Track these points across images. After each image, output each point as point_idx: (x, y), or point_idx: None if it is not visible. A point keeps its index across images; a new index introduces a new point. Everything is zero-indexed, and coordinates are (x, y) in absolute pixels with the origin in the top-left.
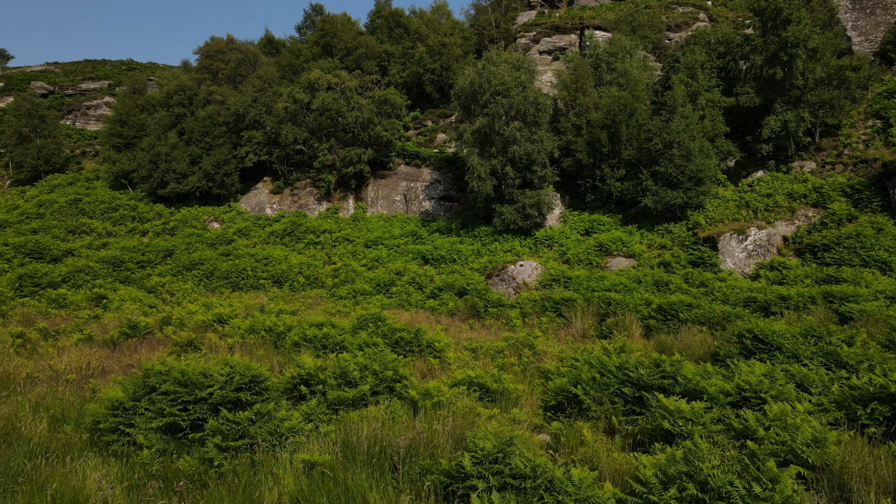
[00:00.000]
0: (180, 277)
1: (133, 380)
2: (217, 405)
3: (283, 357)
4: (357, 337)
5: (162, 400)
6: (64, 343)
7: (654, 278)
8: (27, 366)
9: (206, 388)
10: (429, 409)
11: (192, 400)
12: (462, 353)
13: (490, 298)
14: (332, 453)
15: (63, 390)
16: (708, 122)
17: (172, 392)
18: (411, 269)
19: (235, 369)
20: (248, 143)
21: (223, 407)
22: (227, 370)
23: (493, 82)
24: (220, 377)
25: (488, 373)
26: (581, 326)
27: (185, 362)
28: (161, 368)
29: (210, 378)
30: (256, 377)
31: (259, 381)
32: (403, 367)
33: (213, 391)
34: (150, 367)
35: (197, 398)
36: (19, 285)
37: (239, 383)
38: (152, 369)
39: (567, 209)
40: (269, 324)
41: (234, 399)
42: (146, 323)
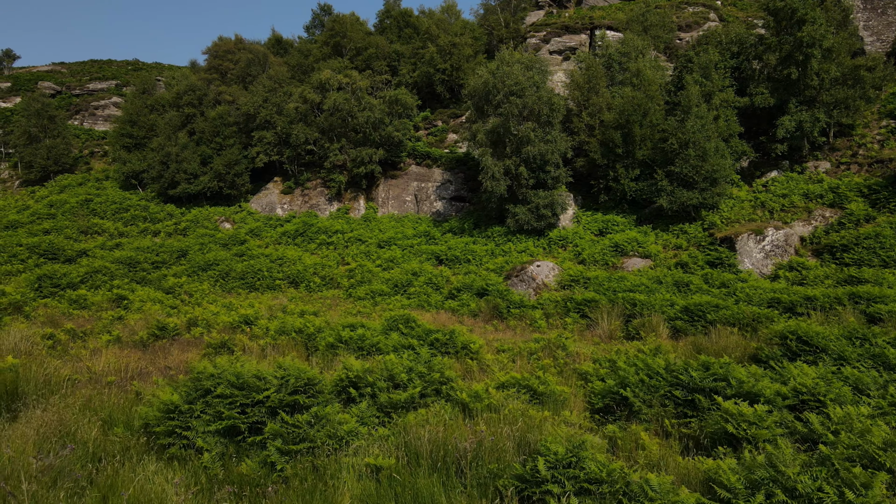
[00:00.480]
0: (196, 278)
1: (184, 382)
2: (275, 408)
3: (320, 359)
4: (390, 338)
5: (219, 403)
6: (93, 344)
7: (674, 279)
8: (64, 367)
9: (262, 391)
10: (480, 411)
11: (250, 403)
12: (498, 354)
13: (512, 299)
14: (395, 457)
15: (108, 393)
16: (722, 122)
17: (229, 395)
18: (427, 270)
19: (290, 372)
20: (258, 144)
21: (281, 410)
22: (282, 373)
23: (507, 82)
24: (274, 380)
25: (533, 374)
26: (607, 327)
27: (238, 364)
28: (213, 371)
29: (264, 381)
30: (311, 380)
31: (314, 384)
32: (448, 369)
33: (269, 394)
34: (201, 370)
35: (254, 401)
36: (39, 286)
37: (294, 386)
38: (204, 372)
39: (580, 209)
40: (299, 325)
41: (290, 402)
42: (175, 324)
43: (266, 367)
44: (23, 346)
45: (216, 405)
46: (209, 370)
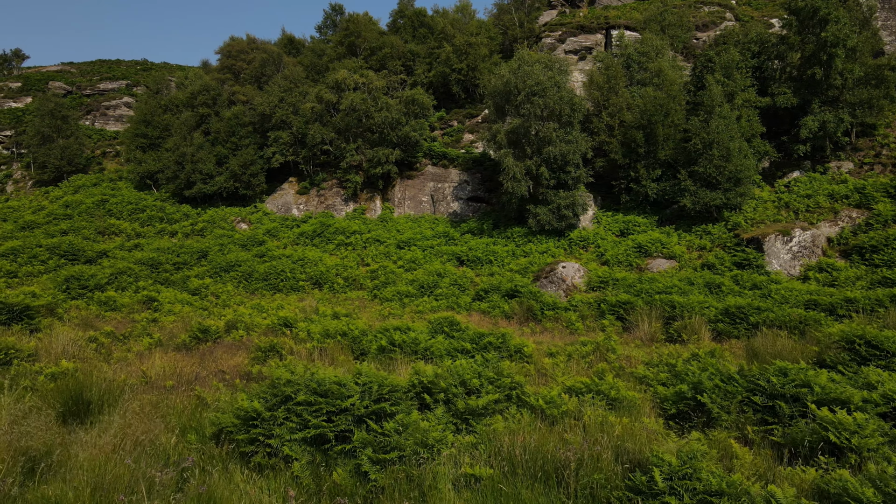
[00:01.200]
0: (219, 279)
1: (262, 388)
2: (361, 416)
3: (375, 363)
4: (441, 341)
5: (303, 410)
6: (136, 347)
7: (704, 280)
8: (120, 372)
9: (346, 398)
10: (557, 417)
11: (336, 410)
12: (549, 358)
13: (545, 301)
14: (492, 466)
15: (171, 398)
16: (744, 121)
17: (313, 402)
18: (451, 271)
19: (372, 379)
20: (274, 144)
21: (367, 418)
22: (364, 380)
23: (529, 82)
24: (355, 387)
25: (597, 379)
26: (648, 330)
27: (320, 371)
28: (291, 377)
29: (345, 387)
30: (395, 387)
31: (396, 391)
32: (518, 374)
33: (353, 401)
34: (278, 376)
35: (339, 409)
36: (67, 287)
37: (378, 393)
38: (281, 378)
39: (599, 210)
40: (343, 328)
41: (376, 410)
42: (216, 327)
43: (341, 373)
44: (71, 349)
45: (301, 413)
46: (286, 376)
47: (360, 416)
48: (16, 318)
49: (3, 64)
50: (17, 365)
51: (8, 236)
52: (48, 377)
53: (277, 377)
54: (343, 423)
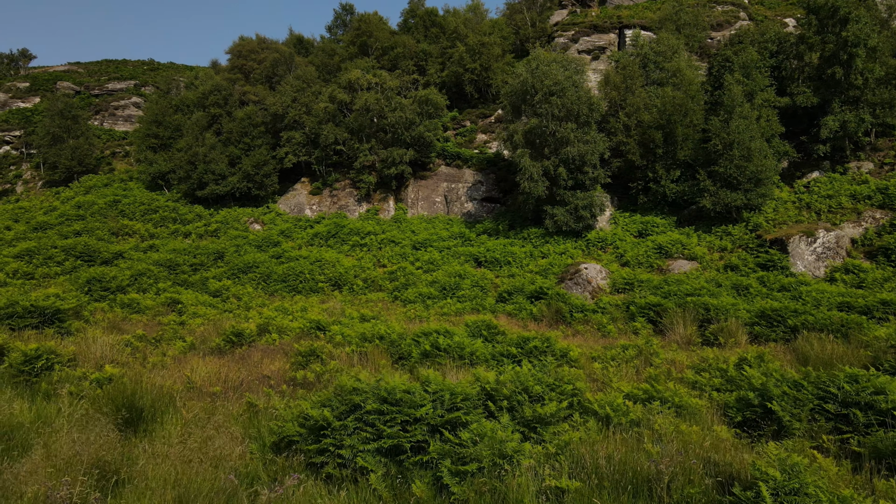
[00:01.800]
0: (237, 281)
1: (327, 396)
2: (436, 426)
3: (421, 368)
4: (486, 346)
5: (376, 419)
6: (171, 351)
7: (731, 282)
8: (163, 377)
9: (418, 406)
10: (625, 426)
11: (410, 420)
12: (593, 362)
13: (573, 303)
14: (577, 479)
15: (223, 405)
16: (763, 121)
17: (386, 411)
18: (470, 272)
19: (443, 387)
20: (287, 144)
21: (442, 428)
22: (434, 387)
23: (546, 82)
24: (425, 395)
25: (666, 386)
26: (683, 333)
27: (389, 379)
28: (357, 385)
29: (412, 395)
30: (466, 396)
31: (467, 399)
32: (578, 380)
33: (427, 410)
34: (344, 384)
35: (414, 418)
36: (88, 289)
37: (451, 402)
38: (346, 385)
39: (616, 210)
40: (379, 331)
41: (451, 419)
42: (250, 330)
43: (405, 380)
44: (109, 353)
45: (374, 422)
46: (352, 384)
47: (436, 425)
48: (47, 322)
49: (10, 64)
50: (59, 370)
51: (21, 237)
52: (94, 383)
53: (343, 384)
54: (419, 433)
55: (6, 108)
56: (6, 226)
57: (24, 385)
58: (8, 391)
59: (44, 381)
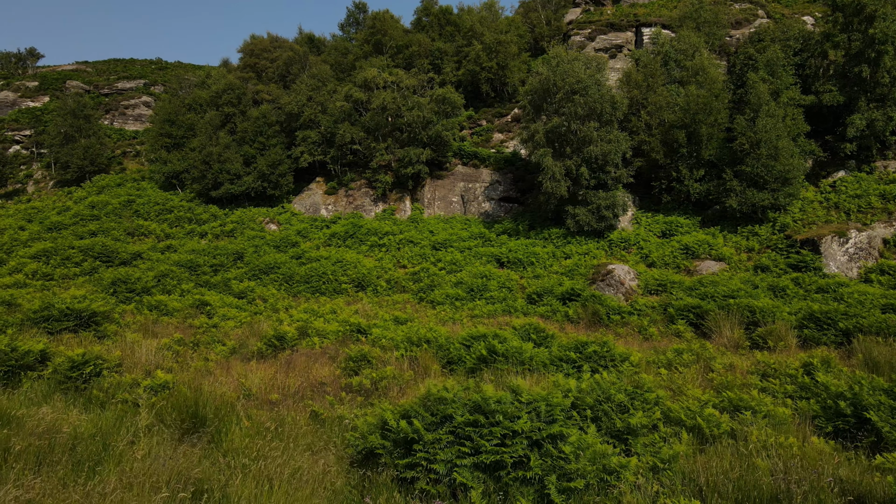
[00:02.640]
0: (259, 282)
1: (412, 406)
2: (537, 440)
3: (490, 374)
4: (542, 351)
5: (472, 432)
6: (213, 356)
7: (767, 283)
8: (215, 384)
9: (515, 418)
10: (718, 437)
11: (510, 433)
12: (657, 368)
13: (610, 305)
14: (693, 496)
15: (285, 414)
16: (789, 120)
17: (480, 423)
18: (495, 273)
19: (536, 398)
20: (302, 143)
21: (545, 441)
22: (528, 397)
23: (569, 80)
24: (518, 405)
25: (750, 394)
26: (730, 336)
27: (476, 388)
28: (445, 395)
29: (503, 404)
30: (563, 407)
31: (565, 409)
32: (659, 388)
33: (524, 423)
34: (432, 393)
35: (512, 430)
36: (114, 291)
37: (548, 413)
38: (433, 395)
39: (638, 210)
40: (425, 334)
41: (554, 433)
42: (291, 334)
43: (492, 389)
44: (154, 359)
45: (469, 435)
46: (438, 393)
47: (536, 439)
48: (83, 325)
49: (18, 63)
50: (108, 376)
51: (36, 238)
52: (148, 390)
53: (431, 393)
54: (519, 447)
55: (15, 107)
56: (20, 226)
57: (74, 392)
58: (58, 399)
59: (94, 388)
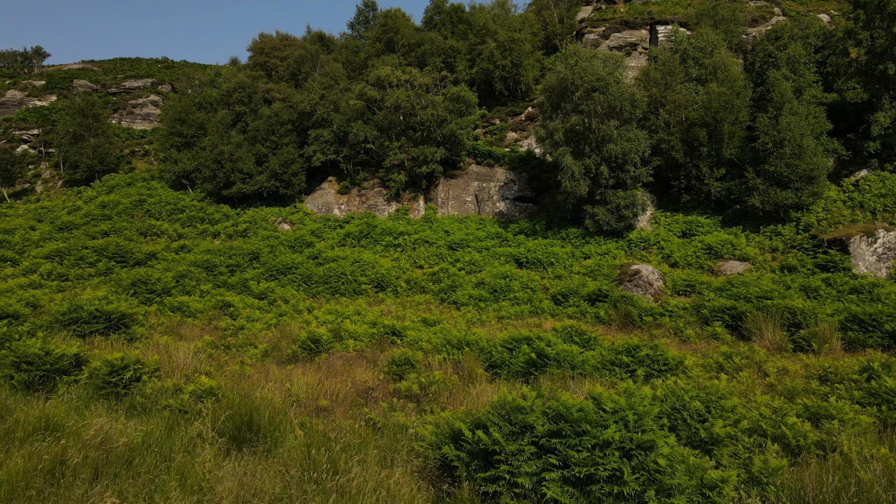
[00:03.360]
0: (276, 282)
1: (487, 414)
2: (629, 451)
3: (546, 379)
4: (591, 354)
5: (559, 443)
6: (249, 360)
7: (799, 284)
8: (264, 389)
9: (603, 427)
10: (807, 448)
11: (600, 443)
12: (709, 372)
13: (642, 306)
14: None
15: (339, 422)
16: (811, 118)
17: (567, 434)
18: (517, 273)
19: (622, 406)
20: (315, 142)
21: (637, 452)
22: (612, 405)
23: (588, 78)
24: (603, 414)
25: (829, 401)
26: (772, 339)
27: (551, 395)
28: (523, 403)
29: (586, 413)
30: (654, 415)
31: (655, 418)
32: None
33: (612, 433)
34: (508, 401)
35: (604, 441)
36: (134, 292)
37: (636, 423)
38: (509, 403)
39: (656, 210)
40: (467, 337)
41: (642, 443)
42: (327, 337)
43: (568, 396)
44: (192, 362)
45: (556, 446)
46: (515, 401)
47: (628, 450)
48: (112, 327)
49: (24, 62)
50: (148, 381)
51: (47, 238)
52: (193, 396)
53: (507, 401)
54: (612, 460)
55: (22, 106)
56: (30, 226)
57: (114, 399)
58: (99, 407)
59: (136, 394)
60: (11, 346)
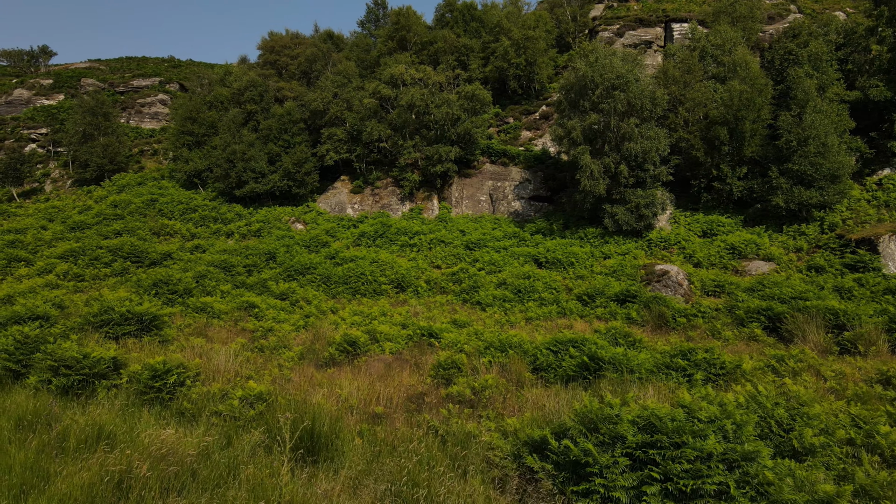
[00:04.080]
0: (295, 282)
1: (572, 422)
2: (734, 463)
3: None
4: (645, 356)
5: (656, 455)
6: (284, 362)
7: (833, 285)
8: (315, 395)
9: (703, 437)
10: None
11: (703, 455)
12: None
13: (676, 307)
14: None
15: (399, 429)
16: (834, 116)
17: (666, 445)
18: (540, 274)
19: (718, 414)
20: (328, 141)
21: (744, 463)
22: (706, 414)
23: (608, 76)
24: (699, 423)
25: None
26: (817, 340)
27: (649, 403)
28: (610, 412)
29: (678, 422)
30: (752, 423)
31: (755, 427)
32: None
33: (713, 444)
34: (593, 408)
35: (707, 453)
36: (156, 293)
37: (734, 433)
38: (595, 410)
39: (675, 209)
40: (510, 340)
41: (746, 454)
42: (364, 339)
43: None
44: (232, 366)
45: (653, 457)
46: (601, 409)
47: (731, 462)
48: (144, 329)
49: (31, 61)
50: (192, 386)
51: (59, 237)
52: (243, 402)
53: (592, 409)
54: (717, 473)
55: (30, 105)
56: (41, 225)
57: (158, 404)
58: (146, 413)
59: (182, 399)
60: (47, 350)
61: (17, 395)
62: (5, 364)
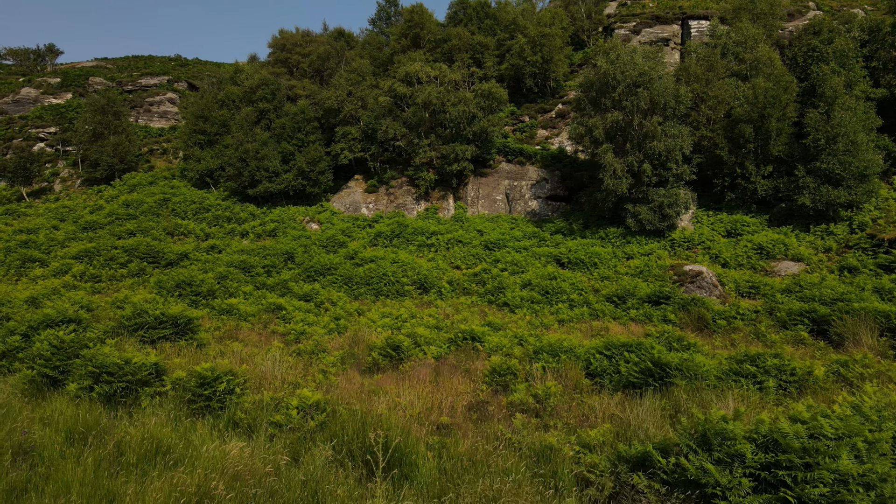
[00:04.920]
0: (316, 283)
1: (683, 437)
2: (871, 484)
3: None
4: (710, 362)
5: (787, 476)
6: (326, 367)
7: (872, 286)
8: (377, 404)
9: (835, 457)
10: None
11: (840, 477)
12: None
13: (716, 309)
14: None
15: (479, 443)
16: (861, 114)
17: (796, 465)
18: (566, 275)
19: (845, 429)
20: (342, 139)
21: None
22: (833, 430)
23: (631, 73)
24: (826, 441)
25: None
26: (871, 344)
27: (763, 415)
28: (725, 426)
29: (801, 439)
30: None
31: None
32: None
33: (848, 464)
34: (708, 422)
35: (843, 474)
36: (180, 294)
37: (867, 451)
38: (709, 425)
39: (697, 209)
40: (562, 344)
41: (885, 476)
42: (407, 344)
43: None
44: (278, 372)
45: (783, 478)
46: (717, 423)
47: (870, 484)
48: (179, 333)
49: (38, 60)
50: (242, 394)
51: (72, 237)
52: (301, 413)
53: (704, 422)
54: (860, 498)
55: (38, 104)
56: (52, 225)
57: (208, 414)
58: (199, 425)
59: (235, 408)
60: (87, 355)
61: (57, 403)
62: (42, 370)
